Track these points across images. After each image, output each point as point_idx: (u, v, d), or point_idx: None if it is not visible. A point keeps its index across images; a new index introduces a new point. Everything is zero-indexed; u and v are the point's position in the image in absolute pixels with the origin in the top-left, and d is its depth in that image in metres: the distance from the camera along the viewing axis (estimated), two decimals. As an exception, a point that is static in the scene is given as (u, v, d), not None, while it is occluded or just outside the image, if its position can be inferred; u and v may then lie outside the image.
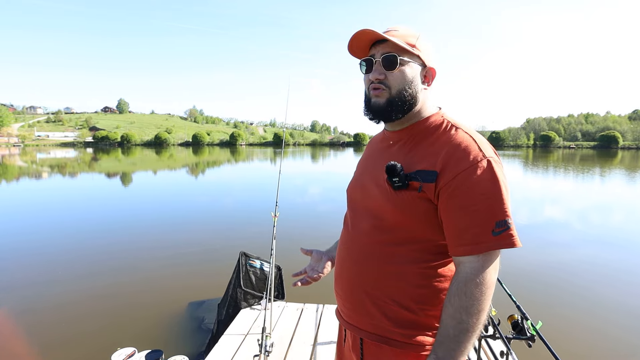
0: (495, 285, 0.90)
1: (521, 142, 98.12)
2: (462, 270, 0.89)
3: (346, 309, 1.10)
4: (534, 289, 4.85)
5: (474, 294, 0.85)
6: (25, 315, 4.11)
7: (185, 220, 9.10)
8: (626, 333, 3.84)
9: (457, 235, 0.89)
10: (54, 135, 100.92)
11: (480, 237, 0.86)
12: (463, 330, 0.85)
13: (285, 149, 51.24)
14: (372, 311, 1.02)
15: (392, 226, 0.98)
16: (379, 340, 1.01)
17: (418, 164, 0.95)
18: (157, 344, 3.40)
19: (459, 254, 0.90)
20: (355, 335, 1.08)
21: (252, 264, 3.80)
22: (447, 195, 0.90)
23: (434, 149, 0.95)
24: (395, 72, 0.98)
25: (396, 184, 0.95)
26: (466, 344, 0.86)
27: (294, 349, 2.95)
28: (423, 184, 0.92)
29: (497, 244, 0.85)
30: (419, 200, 0.93)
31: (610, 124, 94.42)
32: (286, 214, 3.20)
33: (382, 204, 0.99)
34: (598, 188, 16.31)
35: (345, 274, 1.09)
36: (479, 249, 0.86)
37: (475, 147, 0.91)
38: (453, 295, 0.87)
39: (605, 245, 7.14)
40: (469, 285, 0.86)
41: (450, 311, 0.87)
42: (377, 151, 1.13)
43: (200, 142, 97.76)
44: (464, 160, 0.90)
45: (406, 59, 0.98)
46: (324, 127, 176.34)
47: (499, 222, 0.85)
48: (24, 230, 8.00)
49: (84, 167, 27.03)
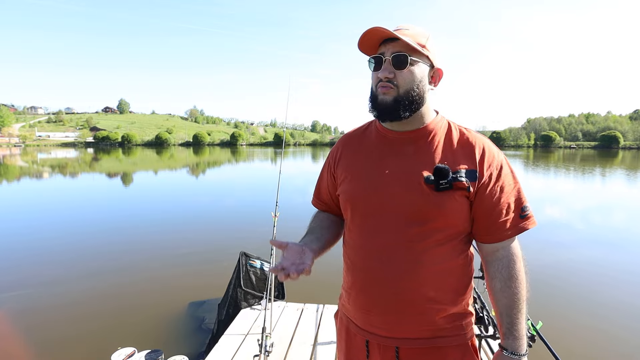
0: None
1: (522, 142, 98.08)
2: (501, 256, 1.01)
3: (388, 323, 1.03)
4: (534, 288, 4.79)
5: (520, 271, 1.00)
6: (25, 315, 4.11)
7: (186, 221, 9.11)
8: (627, 333, 3.83)
9: (497, 225, 0.99)
10: (54, 136, 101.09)
11: (514, 222, 0.99)
12: (523, 302, 1.01)
13: (285, 149, 51.38)
14: (421, 316, 1.01)
15: (434, 227, 0.98)
16: (426, 343, 1.02)
17: (459, 165, 0.99)
18: (157, 343, 3.40)
19: (498, 240, 1.00)
20: (387, 346, 1.03)
21: (253, 264, 3.80)
22: (484, 191, 0.98)
23: (466, 150, 1.01)
24: (405, 72, 0.97)
25: (442, 185, 0.96)
26: (525, 310, 1.01)
27: (294, 349, 2.94)
28: (470, 183, 0.97)
29: (524, 226, 1.00)
30: (461, 199, 0.98)
31: (611, 124, 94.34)
32: (286, 214, 3.19)
33: (424, 207, 0.97)
34: (599, 188, 16.28)
35: (389, 286, 1.00)
36: (514, 232, 1.00)
37: (493, 147, 1.03)
38: (506, 279, 1.00)
39: (606, 246, 7.13)
40: (514, 266, 1.00)
41: (509, 293, 0.99)
42: (386, 151, 1.06)
43: (200, 142, 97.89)
44: (492, 158, 1.00)
45: (416, 58, 0.98)
46: (324, 127, 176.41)
47: (523, 207, 1.00)
48: (25, 230, 8.01)
49: (84, 167, 27.06)
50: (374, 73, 1.02)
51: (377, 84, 1.00)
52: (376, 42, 1.01)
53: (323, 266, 5.90)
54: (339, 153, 1.18)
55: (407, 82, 0.97)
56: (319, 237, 1.14)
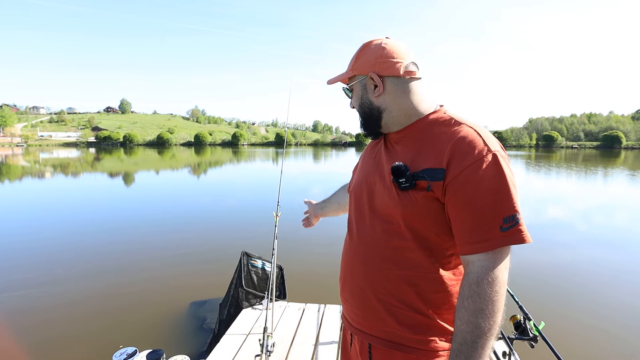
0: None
1: (524, 142, 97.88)
2: (472, 270, 0.86)
3: (355, 315, 1.08)
4: (537, 289, 4.83)
5: (487, 294, 0.82)
6: (26, 315, 4.12)
7: (187, 220, 9.11)
8: (629, 333, 3.81)
9: (465, 233, 0.87)
10: (56, 135, 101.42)
11: (489, 234, 0.83)
12: (480, 335, 0.82)
13: (287, 149, 51.03)
14: (383, 316, 0.99)
15: (403, 229, 0.95)
16: (390, 346, 0.99)
17: (424, 163, 0.92)
18: (158, 343, 3.40)
19: (467, 252, 0.87)
20: (363, 340, 1.06)
21: (254, 263, 3.80)
22: (454, 191, 0.87)
23: (439, 146, 0.92)
24: (352, 99, 1.12)
25: (402, 185, 0.92)
26: (485, 348, 0.82)
27: (295, 349, 2.94)
28: (431, 182, 0.89)
29: (505, 240, 0.82)
30: (427, 200, 0.91)
31: (614, 123, 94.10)
32: (288, 214, 3.19)
33: (390, 206, 0.97)
34: (601, 188, 16.23)
35: (354, 279, 1.07)
36: (487, 246, 0.83)
37: (480, 141, 0.88)
38: (466, 298, 0.84)
39: (608, 246, 7.10)
40: (481, 285, 0.83)
41: (465, 316, 0.84)
42: (379, 151, 1.11)
43: (202, 142, 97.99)
44: (469, 154, 0.86)
45: (352, 85, 1.09)
46: (325, 127, 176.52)
47: (507, 218, 0.83)
48: (25, 230, 8.02)
49: (86, 167, 27.12)
50: None
51: None
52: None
53: (324, 267, 5.93)
54: (362, 154, 1.30)
55: (356, 105, 1.10)
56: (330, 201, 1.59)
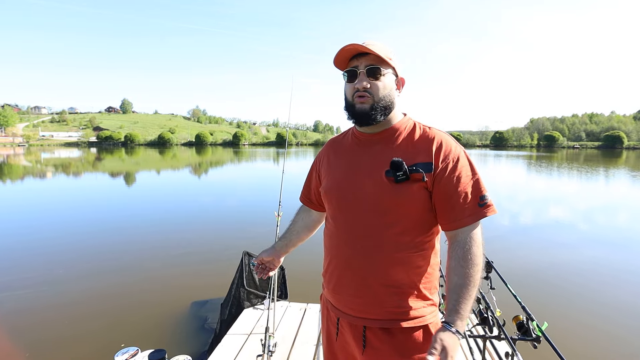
0: (499, 284, 0.99)
1: (525, 142, 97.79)
2: (460, 239, 1.08)
3: (353, 303, 1.17)
4: (538, 289, 4.82)
5: (474, 252, 1.06)
6: (26, 315, 4.12)
7: (188, 220, 9.12)
8: (632, 334, 3.80)
9: (455, 212, 1.07)
10: (58, 135, 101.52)
11: (472, 209, 1.07)
12: (475, 283, 1.04)
13: (288, 149, 51.08)
14: (384, 299, 1.12)
15: (396, 217, 1.10)
16: (390, 324, 1.12)
17: (417, 158, 1.10)
18: (159, 343, 3.40)
19: (457, 227, 1.08)
20: (358, 325, 1.16)
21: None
22: (441, 180, 1.08)
23: (424, 145, 1.12)
24: (378, 82, 1.11)
25: (400, 177, 1.08)
26: (475, 292, 1.05)
27: (297, 349, 2.94)
28: (425, 173, 1.07)
29: (483, 213, 1.08)
30: (419, 189, 1.09)
31: (615, 124, 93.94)
32: (289, 214, 3.19)
33: (385, 198, 1.10)
34: (603, 188, 16.20)
35: (355, 271, 1.16)
36: (473, 219, 1.07)
37: (451, 141, 1.14)
38: (460, 259, 1.05)
39: (611, 246, 7.09)
40: (470, 246, 1.06)
41: (460, 271, 1.04)
42: (354, 152, 1.22)
43: (203, 142, 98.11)
44: (448, 151, 1.10)
45: (385, 69, 1.12)
46: (326, 127, 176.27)
47: (482, 197, 1.08)
48: (25, 230, 8.03)
49: (87, 167, 27.15)
50: (349, 84, 1.15)
51: (354, 94, 1.13)
52: (347, 57, 1.14)
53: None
54: (324, 156, 1.36)
55: (380, 90, 1.11)
56: (287, 243, 1.52)
